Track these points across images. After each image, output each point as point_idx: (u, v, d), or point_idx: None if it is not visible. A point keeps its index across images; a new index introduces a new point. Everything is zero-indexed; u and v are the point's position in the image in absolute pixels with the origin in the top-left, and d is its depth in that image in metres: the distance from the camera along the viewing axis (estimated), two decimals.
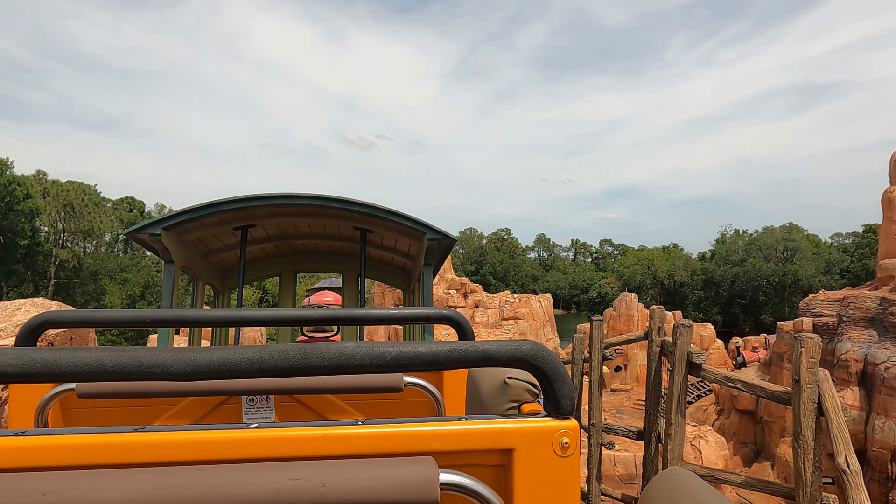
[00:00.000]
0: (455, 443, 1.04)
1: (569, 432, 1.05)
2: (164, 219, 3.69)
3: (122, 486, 0.79)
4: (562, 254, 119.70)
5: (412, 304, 5.14)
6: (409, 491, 0.84)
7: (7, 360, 0.92)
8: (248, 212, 4.09)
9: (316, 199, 3.95)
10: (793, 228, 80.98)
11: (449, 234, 3.94)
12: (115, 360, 0.94)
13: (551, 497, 1.03)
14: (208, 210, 3.78)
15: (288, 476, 0.82)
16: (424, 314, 2.16)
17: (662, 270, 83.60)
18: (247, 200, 3.85)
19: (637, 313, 48.66)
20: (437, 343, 1.03)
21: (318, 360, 0.97)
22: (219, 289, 5.00)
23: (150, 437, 0.99)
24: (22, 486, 0.77)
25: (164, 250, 3.74)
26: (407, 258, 4.94)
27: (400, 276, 5.36)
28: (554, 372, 1.04)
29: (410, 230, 4.07)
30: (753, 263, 77.07)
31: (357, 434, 1.02)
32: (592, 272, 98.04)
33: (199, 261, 4.48)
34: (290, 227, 4.73)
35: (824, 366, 32.10)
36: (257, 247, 4.99)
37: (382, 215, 4.02)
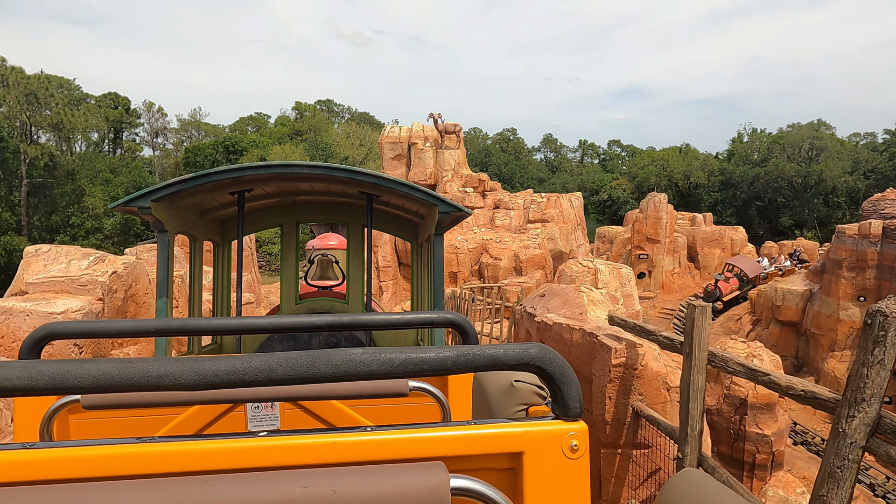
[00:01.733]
0: (464, 447, 1.02)
1: (578, 434, 1.02)
2: (153, 190, 3.37)
3: (134, 497, 0.77)
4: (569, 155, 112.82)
5: (419, 263, 4.77)
6: (420, 497, 0.82)
7: (14, 374, 0.89)
8: (245, 178, 3.70)
9: (318, 167, 3.68)
10: (821, 125, 74.19)
11: (461, 208, 3.66)
12: (123, 371, 0.91)
13: (562, 499, 1.01)
14: (201, 180, 3.47)
15: (299, 484, 0.80)
16: (428, 318, 2.08)
17: (678, 171, 77.47)
18: (243, 169, 3.56)
19: (666, 216, 42.96)
20: (444, 348, 1.00)
21: (326, 368, 0.94)
22: (218, 242, 4.66)
23: (160, 448, 0.96)
24: (31, 499, 0.75)
25: (157, 221, 3.44)
26: (415, 216, 4.58)
27: (408, 230, 4.97)
28: (562, 375, 1.02)
29: (421, 200, 3.76)
30: (776, 163, 71.47)
31: (366, 441, 0.99)
32: (601, 174, 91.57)
33: (195, 221, 4.15)
34: (291, 188, 4.31)
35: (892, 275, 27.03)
36: (257, 202, 4.55)
37: (391, 185, 3.76)
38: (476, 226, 28.63)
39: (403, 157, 31.27)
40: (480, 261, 26.32)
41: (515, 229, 28.38)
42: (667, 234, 42.88)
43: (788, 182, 71.01)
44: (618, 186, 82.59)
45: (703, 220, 49.25)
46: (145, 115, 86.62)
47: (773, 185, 71.68)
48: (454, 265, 26.27)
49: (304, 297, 5.19)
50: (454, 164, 30.21)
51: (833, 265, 29.14)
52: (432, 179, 30.27)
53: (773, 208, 73.61)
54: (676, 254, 44.82)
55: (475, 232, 27.84)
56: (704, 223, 48.60)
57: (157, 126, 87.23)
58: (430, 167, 30.21)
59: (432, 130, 31.31)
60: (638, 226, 42.35)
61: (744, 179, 74.93)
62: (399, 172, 31.12)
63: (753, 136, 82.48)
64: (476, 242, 26.62)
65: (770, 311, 33.26)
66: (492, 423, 1.05)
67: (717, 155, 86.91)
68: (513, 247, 25.86)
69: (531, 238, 26.41)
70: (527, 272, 25.21)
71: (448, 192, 29.16)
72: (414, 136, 30.92)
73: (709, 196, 78.57)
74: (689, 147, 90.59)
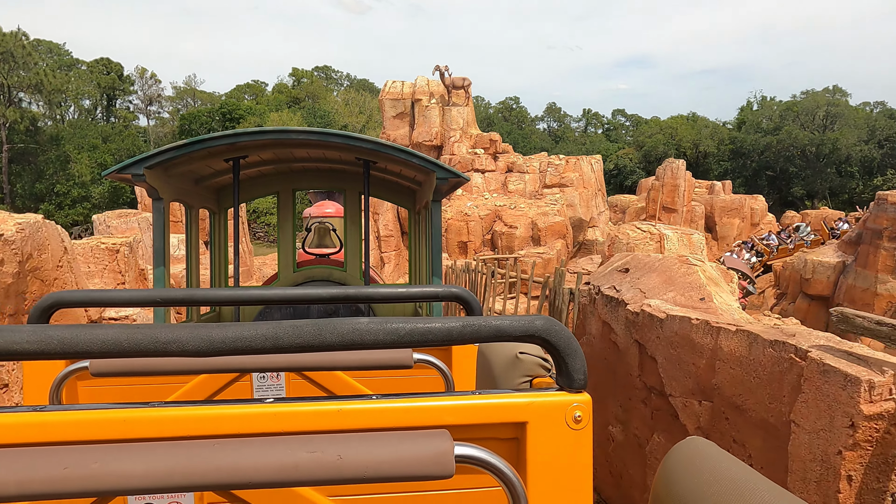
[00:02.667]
0: (469, 417, 1.02)
1: (581, 405, 1.02)
2: (146, 157, 3.32)
3: (143, 459, 0.78)
4: (572, 124, 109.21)
5: (417, 231, 4.76)
6: (425, 464, 0.82)
7: (24, 338, 0.89)
8: (239, 144, 3.65)
9: (314, 133, 3.59)
10: (836, 91, 70.54)
11: (459, 174, 3.60)
12: (132, 336, 0.91)
13: (564, 468, 1.01)
14: (195, 146, 3.41)
15: (305, 449, 0.81)
16: (433, 292, 2.06)
17: (687, 140, 74.20)
18: (237, 135, 3.50)
19: (684, 183, 39.84)
20: (450, 319, 0.99)
21: (332, 337, 0.94)
22: (214, 210, 4.58)
23: (169, 412, 0.96)
24: (43, 460, 0.76)
25: (151, 188, 3.39)
26: (413, 183, 4.48)
27: (406, 197, 4.90)
28: (567, 347, 1.00)
29: (418, 166, 3.68)
30: (789, 131, 68.41)
31: (372, 409, 0.99)
32: (606, 143, 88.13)
33: (191, 188, 4.06)
34: (287, 154, 4.21)
35: None
36: (253, 169, 4.49)
37: (388, 151, 3.67)
38: (487, 191, 25.45)
39: (406, 115, 27.88)
40: (493, 229, 23.21)
41: (531, 195, 25.23)
42: (684, 202, 40.05)
43: (801, 151, 68.36)
44: (624, 156, 79.42)
45: (721, 189, 46.02)
46: (138, 81, 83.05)
47: (784, 153, 69.02)
48: (464, 234, 23.16)
49: (302, 265, 5.03)
50: (462, 122, 26.82)
51: (871, 235, 26.28)
52: (438, 140, 26.95)
53: (784, 178, 70.69)
54: (694, 224, 42.01)
55: (486, 198, 24.67)
56: (724, 191, 45.39)
57: (151, 93, 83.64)
58: (436, 126, 26.84)
59: (438, 85, 27.79)
60: (653, 194, 39.43)
61: (755, 148, 72.09)
62: (401, 133, 27.80)
63: (765, 105, 78.96)
64: (488, 209, 23.48)
65: (797, 285, 30.50)
66: (497, 394, 1.03)
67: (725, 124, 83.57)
68: (529, 214, 22.73)
69: (549, 204, 23.25)
70: (545, 242, 22.14)
71: (456, 155, 25.92)
72: (418, 92, 27.44)
73: (718, 166, 75.58)
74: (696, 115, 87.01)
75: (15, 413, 0.93)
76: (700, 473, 0.83)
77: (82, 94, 73.65)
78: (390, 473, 0.81)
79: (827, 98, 70.55)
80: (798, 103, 73.18)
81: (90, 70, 73.54)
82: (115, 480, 0.76)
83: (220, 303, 1.97)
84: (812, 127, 68.94)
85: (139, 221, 18.94)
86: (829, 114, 69.17)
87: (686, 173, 39.89)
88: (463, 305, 2.04)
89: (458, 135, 26.57)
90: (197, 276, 4.10)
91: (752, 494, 0.73)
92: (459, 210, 23.39)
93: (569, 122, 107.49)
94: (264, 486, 0.79)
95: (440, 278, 3.78)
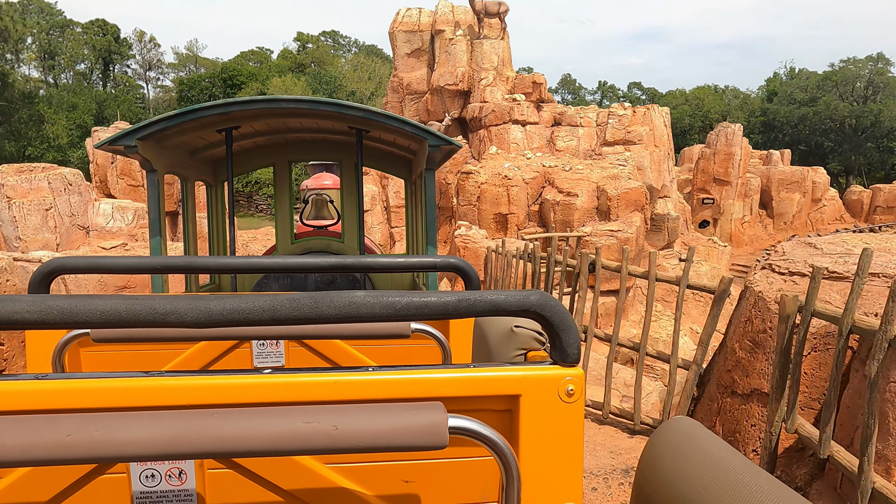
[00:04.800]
0: (463, 389, 1.01)
1: (574, 379, 1.00)
2: (138, 129, 3.24)
3: (144, 426, 0.78)
4: (587, 97, 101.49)
5: (413, 201, 4.61)
6: (419, 435, 0.82)
7: (25, 307, 0.89)
8: (231, 114, 3.60)
9: (305, 101, 3.48)
10: (880, 59, 63.03)
11: (451, 141, 3.48)
12: (131, 307, 0.91)
13: (556, 439, 1.00)
14: (186, 117, 3.35)
15: (302, 419, 0.81)
16: (431, 262, 1.99)
17: (715, 111, 66.94)
18: (227, 105, 3.42)
19: (740, 151, 33.02)
20: (446, 293, 0.98)
21: (329, 310, 0.93)
22: (210, 182, 4.47)
23: (171, 382, 0.96)
24: (46, 427, 0.76)
25: (144, 160, 3.34)
26: (408, 152, 4.37)
27: (401, 166, 4.76)
28: (561, 321, 0.99)
29: (410, 134, 3.58)
30: (827, 102, 61.10)
31: (368, 380, 0.99)
32: None
33: (185, 160, 3.97)
34: (280, 125, 4.12)
35: None
36: (248, 141, 4.38)
37: (380, 119, 3.57)
38: (529, 149, 18.58)
39: (424, 52, 20.94)
40: (543, 198, 16.49)
41: (586, 154, 18.39)
42: (739, 174, 33.37)
43: (840, 123, 61.33)
44: None
45: (780, 158, 38.76)
46: (137, 45, 75.93)
47: (820, 126, 63.14)
48: (503, 204, 16.47)
49: (300, 237, 4.96)
50: (497, 60, 19.86)
51: None
52: (465, 83, 20.08)
53: (819, 153, 63.68)
54: (748, 198, 35.21)
55: (528, 157, 17.82)
56: (782, 162, 38.22)
57: (150, 57, 76.47)
58: (463, 65, 19.91)
59: (466, 12, 20.71)
60: (703, 164, 32.70)
61: (788, 120, 65.16)
62: (418, 76, 20.85)
63: (795, 75, 71.29)
64: (534, 171, 16.76)
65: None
66: (491, 367, 1.03)
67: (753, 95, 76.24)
68: (592, 177, 15.98)
69: (614, 165, 16.40)
70: (617, 215, 15.41)
71: (489, 102, 19.06)
72: (440, 22, 20.41)
73: (749, 139, 68.36)
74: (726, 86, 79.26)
75: (18, 381, 0.92)
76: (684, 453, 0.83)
77: (77, 57, 67.62)
78: (385, 444, 0.81)
79: (869, 67, 62.87)
80: (836, 73, 65.72)
81: (85, 31, 67.58)
82: (117, 447, 0.76)
83: (220, 270, 1.89)
84: (851, 98, 62.33)
85: (50, 179, 11.99)
86: (871, 83, 62.00)
87: (742, 140, 33.11)
88: (462, 276, 1.96)
89: (492, 76, 19.62)
90: (195, 247, 4.10)
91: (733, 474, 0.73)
92: (496, 172, 16.66)
93: (584, 95, 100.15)
94: (262, 455, 0.79)
95: (435, 248, 3.73)
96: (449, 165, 19.01)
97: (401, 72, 21.20)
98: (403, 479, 1.12)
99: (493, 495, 1.15)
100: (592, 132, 19.05)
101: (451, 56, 19.99)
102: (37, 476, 0.96)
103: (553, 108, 19.77)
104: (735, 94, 72.83)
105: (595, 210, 16.02)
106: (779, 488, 0.67)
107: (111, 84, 69.66)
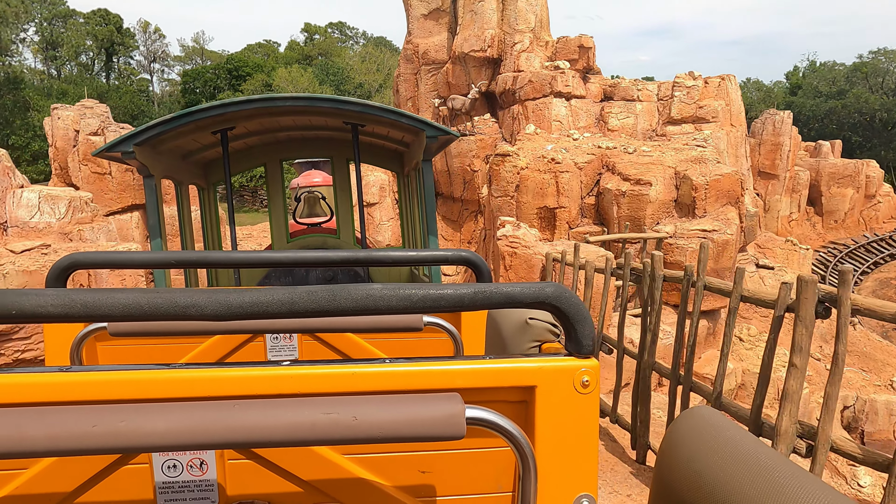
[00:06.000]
0: (480, 380, 1.01)
1: (589, 370, 1.00)
2: (135, 134, 3.23)
3: (167, 417, 0.78)
4: None
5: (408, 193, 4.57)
6: (437, 425, 0.82)
7: (49, 301, 0.89)
8: (227, 115, 3.60)
9: (302, 98, 3.50)
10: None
11: (449, 131, 3.47)
12: (152, 300, 0.91)
13: (572, 431, 1.00)
14: (183, 120, 3.34)
15: (321, 410, 0.80)
16: (442, 256, 1.99)
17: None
18: (224, 106, 3.43)
19: (789, 142, 28.87)
20: (462, 285, 0.96)
21: (347, 302, 0.92)
22: (202, 185, 4.45)
23: (192, 374, 0.96)
24: (72, 418, 0.77)
25: (142, 166, 3.34)
26: (400, 144, 4.35)
27: (392, 160, 4.72)
28: (577, 313, 0.98)
29: (407, 126, 3.61)
30: (857, 95, 56.69)
31: (385, 372, 0.99)
32: None
33: (179, 164, 3.99)
34: (273, 123, 4.15)
35: None
36: (239, 141, 4.40)
37: (376, 112, 3.56)
38: (575, 128, 14.52)
39: (444, 12, 17.02)
40: (602, 187, 12.47)
41: (645, 135, 14.36)
42: (787, 167, 29.40)
43: (870, 118, 56.87)
44: None
45: (829, 150, 34.42)
46: (140, 36, 72.39)
47: (849, 120, 58.74)
48: (549, 194, 12.42)
49: (295, 235, 4.90)
50: (534, 21, 15.90)
51: None
52: (495, 49, 16.13)
53: (846, 148, 59.30)
54: (796, 194, 31.19)
55: (575, 138, 13.78)
56: (832, 154, 33.96)
57: (155, 48, 72.89)
58: (492, 27, 15.96)
59: None
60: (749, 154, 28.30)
61: (815, 114, 60.75)
62: (436, 42, 16.87)
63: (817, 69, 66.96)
64: (588, 153, 12.73)
65: None
66: (507, 358, 1.02)
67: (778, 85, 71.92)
68: (666, 160, 11.94)
69: (696, 146, 12.27)
70: (705, 209, 11.35)
71: (525, 71, 15.15)
72: None
73: None
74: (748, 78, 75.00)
75: (44, 373, 0.93)
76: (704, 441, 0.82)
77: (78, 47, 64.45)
78: (403, 434, 0.81)
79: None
80: (867, 64, 61.47)
81: (86, 21, 64.47)
82: (142, 437, 0.76)
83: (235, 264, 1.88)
84: (882, 91, 58.28)
85: None
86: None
87: (792, 129, 28.98)
88: (472, 269, 1.95)
89: (528, 40, 15.65)
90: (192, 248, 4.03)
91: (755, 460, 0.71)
92: (539, 155, 12.67)
93: None
94: (283, 445, 0.80)
95: (436, 238, 3.69)
96: (475, 149, 15.21)
97: (416, 37, 17.23)
98: (420, 470, 1.10)
99: (508, 485, 1.13)
100: (653, 108, 15.09)
101: (477, 16, 15.98)
102: (61, 466, 0.96)
103: (602, 81, 15.80)
104: (758, 86, 68.53)
105: (673, 203, 12.00)
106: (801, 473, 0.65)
107: (114, 75, 66.33)
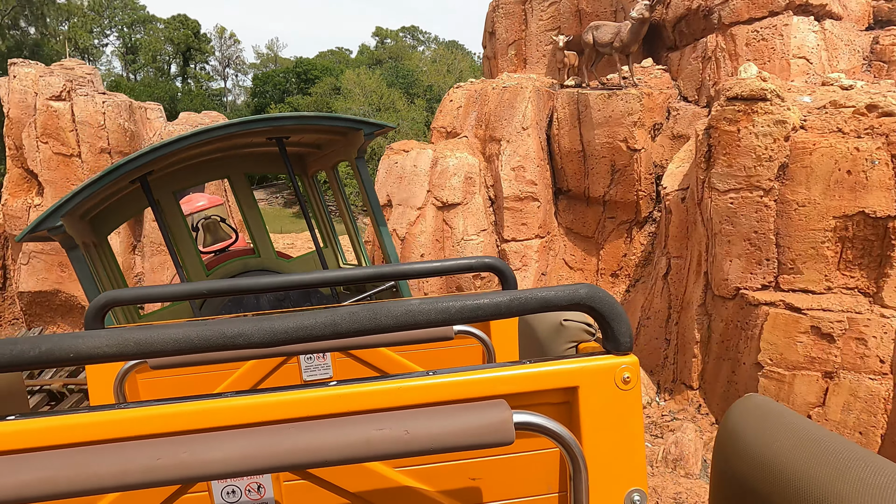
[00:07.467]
0: (523, 385, 1.01)
1: (629, 367, 1.00)
2: (60, 206, 2.98)
3: (227, 445, 0.79)
4: None
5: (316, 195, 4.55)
6: (487, 433, 0.82)
7: (104, 342, 0.90)
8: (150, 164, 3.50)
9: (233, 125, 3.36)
10: None
11: (387, 124, 3.48)
12: (202, 333, 0.91)
13: (617, 427, 1.00)
14: (105, 179, 3.18)
15: (374, 427, 0.81)
16: (466, 264, 1.91)
17: None
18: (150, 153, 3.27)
19: None
20: (497, 293, 0.96)
21: (388, 319, 0.93)
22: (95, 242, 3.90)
23: (244, 401, 0.97)
24: (137, 453, 0.78)
25: (67, 238, 3.08)
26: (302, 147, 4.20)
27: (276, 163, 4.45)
28: (612, 312, 0.99)
29: (342, 129, 3.59)
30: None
31: (430, 384, 0.99)
32: None
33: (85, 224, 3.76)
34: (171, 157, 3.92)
35: None
36: None
37: (315, 122, 3.55)
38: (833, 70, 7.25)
39: None
40: None
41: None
42: None
43: None
44: None
45: None
46: (216, 41, 70.59)
47: None
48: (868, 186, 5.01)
49: (211, 266, 4.58)
50: None
51: None
52: None
53: None
54: None
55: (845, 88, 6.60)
56: None
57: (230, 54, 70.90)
58: None
59: None
60: None
61: None
62: None
63: None
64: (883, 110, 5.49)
65: None
66: (548, 361, 1.02)
67: None
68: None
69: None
70: None
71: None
72: None
73: None
74: None
75: (101, 412, 0.93)
76: (763, 426, 0.80)
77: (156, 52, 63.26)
78: (455, 443, 0.81)
79: None
80: None
81: (166, 26, 63.41)
82: (204, 467, 0.77)
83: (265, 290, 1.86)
84: None
85: None
86: None
87: None
88: (498, 276, 1.92)
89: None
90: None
91: (816, 441, 0.70)
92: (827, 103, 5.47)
93: None
94: (339, 464, 0.80)
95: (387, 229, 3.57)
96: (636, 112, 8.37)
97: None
98: (470, 477, 1.10)
99: (556, 486, 1.13)
100: None
101: None
102: (125, 500, 0.96)
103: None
104: None
105: None
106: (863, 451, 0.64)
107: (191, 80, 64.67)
